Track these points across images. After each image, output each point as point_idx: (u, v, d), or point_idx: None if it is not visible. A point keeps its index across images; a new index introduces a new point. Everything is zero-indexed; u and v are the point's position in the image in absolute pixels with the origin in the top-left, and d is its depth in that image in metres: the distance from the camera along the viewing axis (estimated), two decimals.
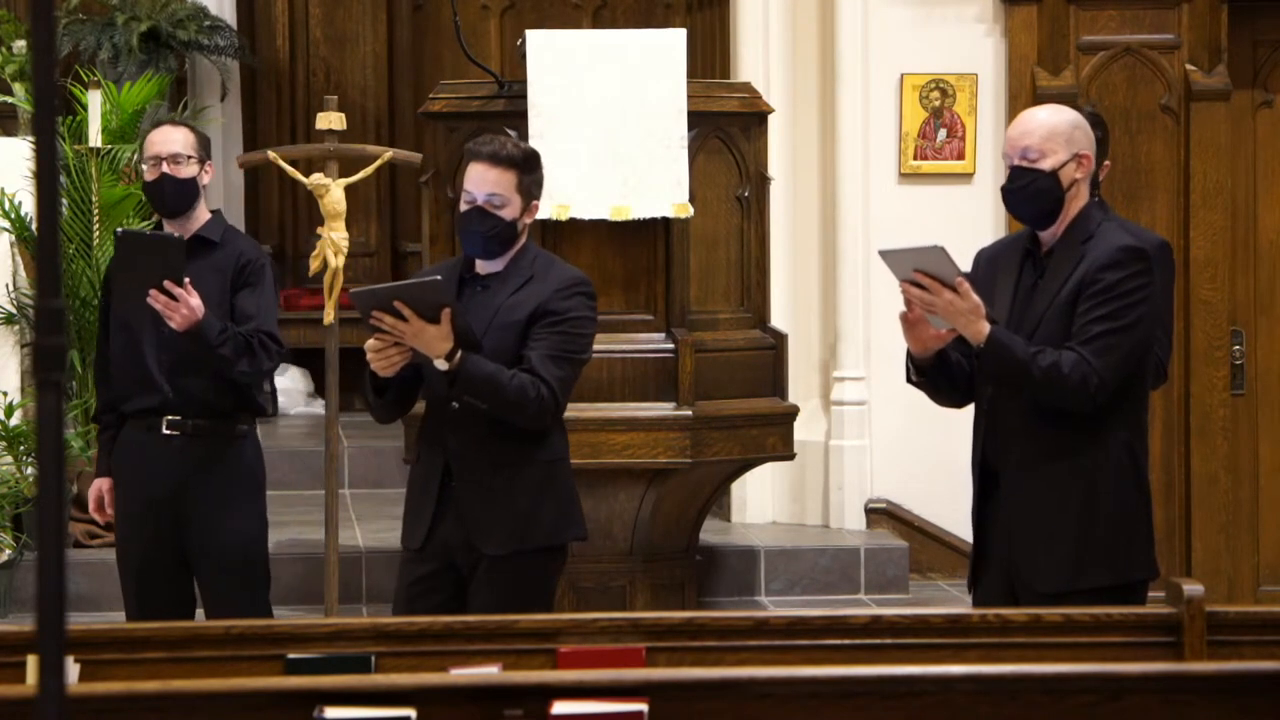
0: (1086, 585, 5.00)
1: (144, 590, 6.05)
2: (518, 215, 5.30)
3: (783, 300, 8.44)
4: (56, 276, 2.27)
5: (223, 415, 6.02)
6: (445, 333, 5.08)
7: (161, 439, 6.00)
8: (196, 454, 6.00)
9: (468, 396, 5.15)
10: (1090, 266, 5.01)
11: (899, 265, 5.01)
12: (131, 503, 6.07)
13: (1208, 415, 8.63)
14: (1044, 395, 4.99)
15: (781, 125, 8.34)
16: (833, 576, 8.26)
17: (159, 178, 6.04)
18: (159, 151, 6.06)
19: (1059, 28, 8.65)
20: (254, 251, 6.13)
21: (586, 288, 5.34)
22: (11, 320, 8.28)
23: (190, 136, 6.13)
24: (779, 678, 3.67)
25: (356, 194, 8.16)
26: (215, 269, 5.96)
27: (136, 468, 6.05)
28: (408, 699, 3.52)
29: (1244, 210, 8.73)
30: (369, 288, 5.22)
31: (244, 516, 6.06)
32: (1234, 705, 3.66)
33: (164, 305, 5.76)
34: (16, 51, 9.75)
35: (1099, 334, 4.96)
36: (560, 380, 5.23)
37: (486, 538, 5.25)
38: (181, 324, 5.78)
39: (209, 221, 6.12)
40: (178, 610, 6.04)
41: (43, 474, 2.27)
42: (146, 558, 6.04)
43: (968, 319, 4.95)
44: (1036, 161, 5.08)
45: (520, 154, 5.33)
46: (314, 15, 11.37)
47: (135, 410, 6.04)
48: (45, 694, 2.25)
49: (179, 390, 5.97)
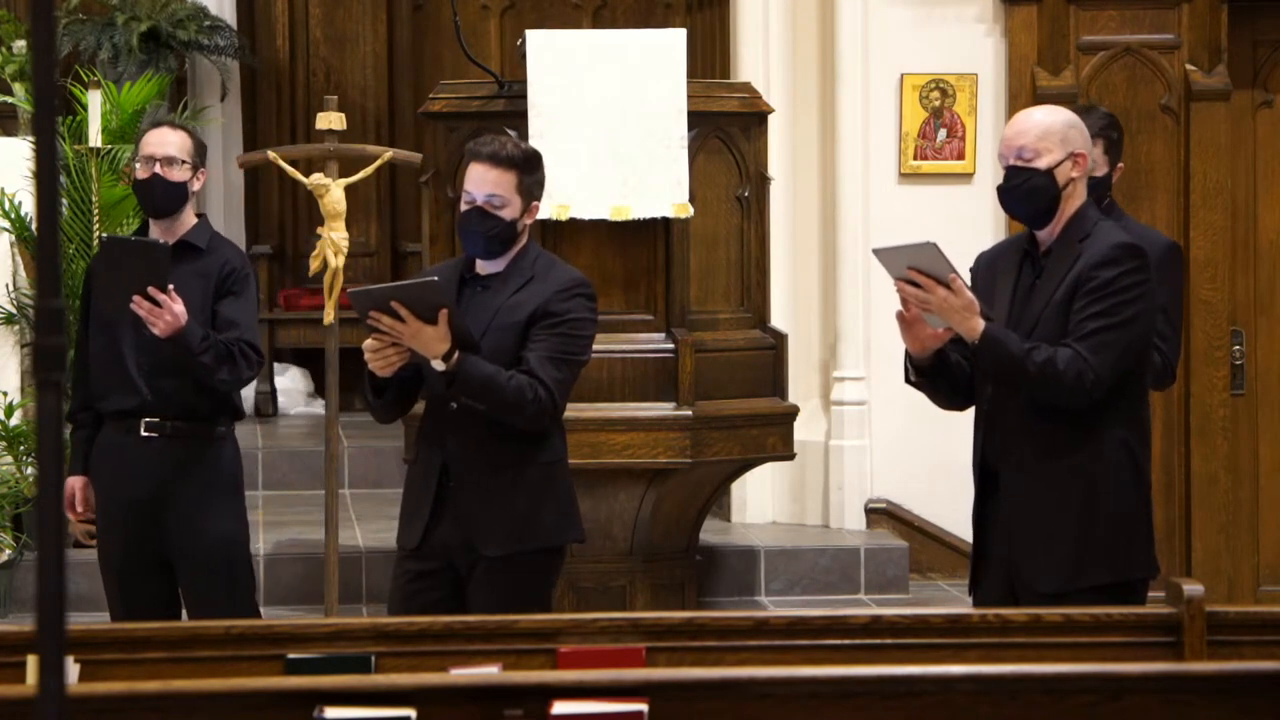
0: (1086, 584, 5.00)
1: (127, 591, 6.06)
2: (518, 216, 5.30)
3: (783, 300, 8.44)
4: (56, 276, 2.27)
5: (201, 417, 6.02)
6: (443, 334, 5.08)
7: (140, 440, 6.00)
8: (175, 456, 6.00)
9: (465, 397, 5.15)
10: (1086, 264, 5.02)
11: (893, 263, 5.03)
12: (110, 503, 6.07)
13: (1208, 415, 8.63)
14: (1039, 391, 4.99)
15: (781, 125, 8.34)
16: (833, 576, 8.26)
17: (150, 177, 6.04)
18: (153, 152, 6.06)
19: (1059, 28, 8.65)
20: (239, 260, 6.12)
21: (587, 289, 5.34)
22: (11, 320, 8.28)
23: (187, 141, 6.11)
24: (779, 678, 3.67)
25: (356, 194, 8.16)
26: (199, 275, 5.95)
27: (116, 469, 6.04)
28: (408, 699, 3.52)
29: (1244, 210, 8.73)
30: (366, 288, 5.21)
31: (224, 518, 6.05)
32: (1234, 705, 3.66)
33: (147, 311, 5.76)
34: (16, 51, 9.75)
35: (1094, 330, 4.97)
36: (558, 382, 5.22)
37: (485, 539, 5.25)
38: (164, 330, 5.78)
39: (196, 227, 6.11)
40: (162, 611, 6.04)
41: (43, 474, 2.27)
42: (127, 559, 6.05)
43: (962, 315, 4.96)
44: (1031, 161, 5.09)
45: (521, 154, 5.33)
46: (314, 15, 11.37)
47: (113, 411, 6.04)
48: (45, 694, 2.25)
49: (157, 392, 5.97)
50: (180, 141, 6.09)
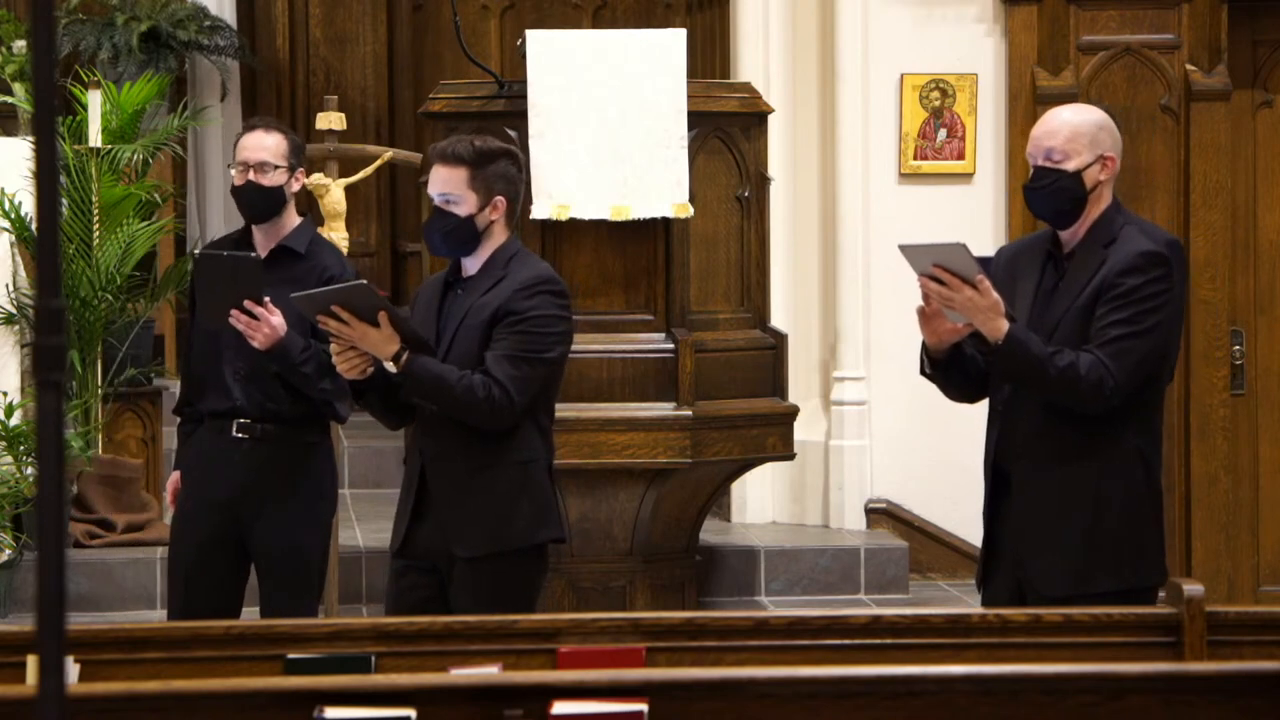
0: (1095, 590, 4.98)
1: (192, 590, 6.04)
2: (474, 211, 5.26)
3: (783, 300, 8.44)
4: (56, 276, 2.27)
5: (293, 423, 6.01)
6: (388, 335, 5.11)
7: (231, 441, 6.00)
8: (262, 459, 5.99)
9: (416, 397, 5.18)
10: (1110, 271, 4.99)
11: (918, 260, 5.00)
12: (189, 501, 6.08)
13: (1208, 415, 8.63)
14: (1058, 395, 4.97)
15: (781, 125, 8.33)
16: (833, 576, 8.26)
17: (245, 184, 6.01)
18: (247, 158, 6.01)
19: (1059, 28, 8.65)
20: (338, 266, 6.05)
21: (552, 285, 5.29)
22: (11, 320, 8.28)
23: (282, 143, 6.05)
24: (779, 678, 3.67)
25: (356, 194, 8.16)
26: (296, 281, 5.81)
27: (204, 466, 6.06)
28: (408, 699, 3.52)
29: (1244, 210, 8.73)
30: (308, 292, 5.26)
31: (301, 525, 6.04)
32: (1234, 705, 3.66)
33: (246, 325, 5.75)
34: (16, 51, 9.75)
35: (1116, 338, 4.95)
36: (515, 379, 5.17)
37: (460, 540, 5.24)
38: (264, 343, 5.76)
39: (296, 230, 6.07)
40: (222, 611, 6.01)
41: (43, 474, 2.27)
42: (199, 558, 6.03)
43: (987, 316, 4.94)
44: (1060, 162, 5.06)
45: (471, 150, 5.29)
46: (314, 15, 11.38)
47: (209, 411, 6.06)
48: (45, 694, 2.25)
49: (249, 396, 5.97)
50: (275, 145, 6.04)
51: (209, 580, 6.03)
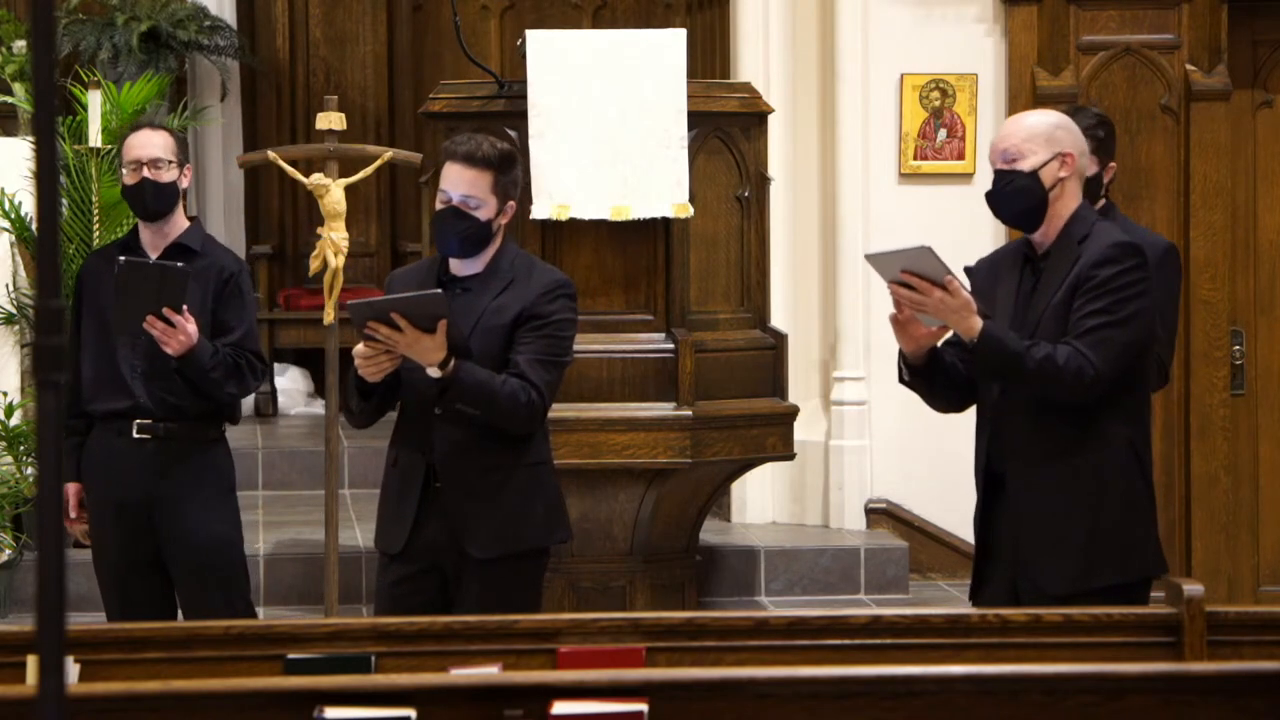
0: (1096, 585, 4.99)
1: (123, 592, 6.07)
2: (493, 216, 5.29)
3: (783, 300, 8.44)
4: (56, 276, 2.27)
5: (194, 419, 6.03)
6: (440, 343, 5.10)
7: (132, 443, 6.01)
8: (167, 457, 6.01)
9: (460, 404, 5.16)
10: (1085, 264, 5.02)
11: (886, 267, 5.03)
12: (103, 505, 6.07)
13: (1208, 415, 8.63)
14: (1041, 387, 4.98)
15: (781, 125, 8.34)
16: (833, 576, 8.26)
17: (139, 182, 6.05)
18: (139, 155, 6.06)
19: (1059, 28, 8.65)
20: (235, 264, 6.15)
21: (569, 289, 5.35)
22: (11, 320, 8.28)
23: (169, 140, 6.12)
24: (779, 678, 3.67)
25: (356, 194, 8.16)
26: (194, 278, 5.94)
27: (107, 471, 6.05)
28: (408, 699, 3.52)
29: (1244, 210, 8.73)
30: (368, 300, 5.20)
31: (218, 520, 6.07)
32: (1234, 705, 3.66)
33: (161, 331, 5.80)
34: (16, 51, 9.75)
35: (1093, 328, 4.96)
36: (548, 384, 5.24)
37: (475, 541, 5.25)
38: (178, 350, 5.84)
39: (189, 230, 6.14)
40: (159, 611, 6.04)
41: (43, 474, 2.27)
42: (121, 560, 6.06)
43: (960, 315, 4.96)
44: (1015, 162, 5.09)
45: (496, 154, 5.31)
46: (314, 15, 11.38)
47: (105, 413, 6.04)
48: (45, 694, 2.25)
49: (150, 395, 5.99)
50: (163, 141, 6.10)
51: (138, 581, 6.06)
